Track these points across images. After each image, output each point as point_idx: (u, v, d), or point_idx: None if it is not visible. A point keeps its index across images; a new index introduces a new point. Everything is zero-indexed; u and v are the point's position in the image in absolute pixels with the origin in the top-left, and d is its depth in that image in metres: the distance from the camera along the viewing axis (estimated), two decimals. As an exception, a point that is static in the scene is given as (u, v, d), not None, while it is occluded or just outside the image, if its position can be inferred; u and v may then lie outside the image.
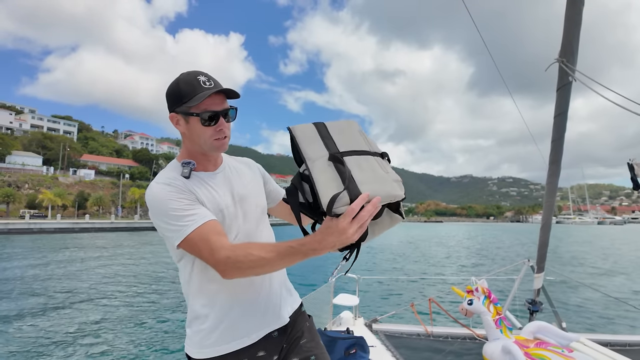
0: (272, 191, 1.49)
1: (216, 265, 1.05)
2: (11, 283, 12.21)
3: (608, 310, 8.97)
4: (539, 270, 3.88)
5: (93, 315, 8.38)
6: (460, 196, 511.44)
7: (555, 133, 3.35)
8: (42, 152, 75.39)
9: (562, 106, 3.20)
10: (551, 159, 3.49)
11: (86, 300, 9.89)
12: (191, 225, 1.08)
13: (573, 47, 2.93)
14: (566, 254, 24.07)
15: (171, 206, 1.10)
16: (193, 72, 1.17)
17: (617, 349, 3.02)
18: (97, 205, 58.81)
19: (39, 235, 36.78)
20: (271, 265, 1.02)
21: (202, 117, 1.14)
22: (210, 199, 1.18)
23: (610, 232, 66.34)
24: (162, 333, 7.14)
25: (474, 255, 23.26)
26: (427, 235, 47.63)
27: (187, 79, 1.15)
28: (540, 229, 3.84)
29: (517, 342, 2.74)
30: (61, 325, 7.60)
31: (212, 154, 1.25)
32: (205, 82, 1.14)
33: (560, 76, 3.08)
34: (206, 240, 1.06)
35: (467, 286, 3.11)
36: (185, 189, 1.15)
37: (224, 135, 1.19)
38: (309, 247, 0.94)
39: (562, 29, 2.93)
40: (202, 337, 1.19)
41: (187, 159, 1.23)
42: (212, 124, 1.15)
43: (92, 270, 15.16)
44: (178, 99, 1.15)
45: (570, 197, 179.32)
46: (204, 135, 1.16)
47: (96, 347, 6.32)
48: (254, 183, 1.38)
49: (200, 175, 1.22)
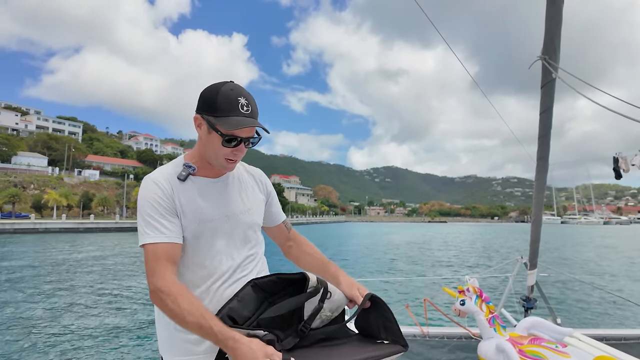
0: (273, 213, 1.46)
1: (149, 287, 1.07)
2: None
3: (603, 305, 9.01)
4: (532, 267, 3.90)
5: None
6: (465, 196, 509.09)
7: (541, 129, 3.41)
8: (48, 152, 76.09)
9: (546, 103, 3.26)
10: (539, 155, 3.55)
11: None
12: (151, 237, 1.11)
13: (555, 45, 2.99)
14: (575, 254, 23.97)
15: (146, 208, 1.14)
16: (237, 90, 1.14)
17: (612, 343, 3.02)
18: (101, 206, 59.25)
19: (49, 234, 37.13)
20: (185, 325, 1.02)
21: (225, 140, 1.14)
22: (194, 209, 1.18)
23: (617, 232, 65.79)
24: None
25: (474, 255, 23.25)
26: (428, 236, 47.53)
27: (227, 96, 1.12)
28: (531, 225, 3.89)
29: (511, 339, 2.76)
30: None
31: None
32: (243, 106, 1.13)
33: (544, 73, 3.14)
34: (153, 261, 1.08)
35: (459, 286, 3.15)
36: (167, 195, 1.16)
37: (237, 158, 1.21)
38: (225, 342, 0.97)
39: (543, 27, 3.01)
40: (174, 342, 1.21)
41: (193, 161, 1.24)
42: (231, 146, 1.16)
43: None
44: (211, 109, 1.13)
45: (576, 197, 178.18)
46: (219, 152, 1.17)
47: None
48: (254, 198, 1.35)
49: (197, 181, 1.23)
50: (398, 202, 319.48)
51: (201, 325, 0.99)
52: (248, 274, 1.27)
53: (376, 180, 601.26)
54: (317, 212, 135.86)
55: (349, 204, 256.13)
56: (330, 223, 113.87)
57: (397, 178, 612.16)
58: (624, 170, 2.79)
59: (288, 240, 1.50)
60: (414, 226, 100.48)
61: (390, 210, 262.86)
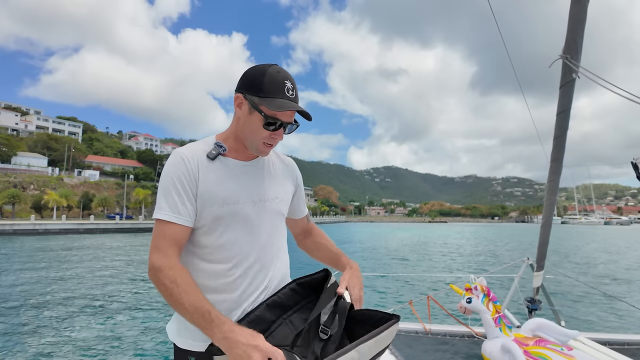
0: (297, 206, 1.42)
1: (149, 263, 1.05)
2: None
3: (607, 309, 8.94)
4: (538, 269, 3.85)
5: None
6: (465, 196, 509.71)
7: (557, 130, 3.30)
8: (48, 153, 76.00)
9: (565, 103, 3.16)
10: (553, 157, 3.45)
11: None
12: (164, 214, 1.08)
13: (577, 44, 2.88)
14: (573, 254, 23.89)
15: (167, 184, 1.10)
16: (283, 73, 1.12)
17: (615, 347, 3.01)
18: (102, 206, 59.17)
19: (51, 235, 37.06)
20: (179, 307, 0.98)
21: (267, 121, 1.11)
22: (220, 190, 1.13)
23: (619, 232, 65.72)
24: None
25: (476, 255, 23.16)
26: (430, 236, 47.47)
27: (274, 78, 1.10)
28: (540, 227, 3.80)
29: (517, 340, 2.72)
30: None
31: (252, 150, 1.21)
32: (289, 90, 1.11)
33: (564, 73, 3.03)
34: (161, 237, 1.06)
35: (466, 284, 3.08)
36: (191, 174, 1.11)
37: (274, 142, 1.18)
38: (218, 329, 0.92)
39: (565, 26, 2.89)
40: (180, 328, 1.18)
41: (225, 141, 1.20)
42: (272, 129, 1.13)
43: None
44: (256, 88, 1.10)
45: (576, 197, 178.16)
46: (257, 135, 1.14)
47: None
48: (284, 188, 1.31)
49: (226, 162, 1.18)
50: (398, 202, 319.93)
51: (197, 307, 0.95)
52: (271, 271, 1.20)
53: (376, 180, 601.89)
54: (318, 212, 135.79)
55: (349, 204, 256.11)
56: (330, 223, 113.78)
57: (397, 178, 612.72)
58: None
59: (304, 231, 1.48)
60: (415, 227, 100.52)
61: (390, 210, 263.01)
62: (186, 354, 1.14)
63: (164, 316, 8.37)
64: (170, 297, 0.98)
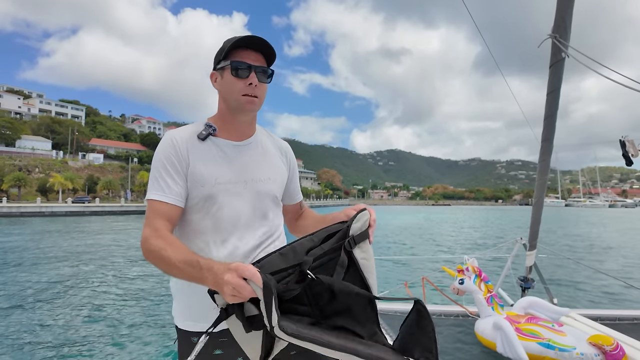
0: (292, 190, 1.42)
1: (141, 236, 1.06)
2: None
3: (599, 287, 9.06)
4: (531, 248, 3.93)
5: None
6: (469, 179, 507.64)
7: (547, 110, 3.33)
8: (51, 136, 76.17)
9: (554, 83, 3.17)
10: (543, 137, 3.48)
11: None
12: (154, 194, 1.11)
13: (566, 23, 2.87)
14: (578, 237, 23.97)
15: (157, 164, 1.14)
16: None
17: (606, 323, 3.09)
18: (106, 189, 59.66)
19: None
20: (170, 268, 0.97)
21: (232, 67, 1.13)
22: (210, 170, 1.15)
23: (625, 215, 65.57)
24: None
25: (477, 236, 23.30)
26: (433, 219, 47.61)
27: (227, 41, 1.15)
28: (532, 206, 3.86)
29: (509, 317, 2.80)
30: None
31: (240, 117, 1.21)
32: (244, 35, 1.14)
33: (553, 52, 3.04)
34: (152, 215, 1.09)
35: (458, 265, 3.17)
36: (181, 154, 1.14)
37: (253, 92, 1.15)
38: (207, 271, 0.88)
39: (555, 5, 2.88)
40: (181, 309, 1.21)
41: (216, 122, 1.23)
42: (244, 76, 1.13)
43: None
44: (218, 55, 1.18)
45: (581, 180, 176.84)
46: (234, 90, 1.14)
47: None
48: (276, 169, 1.30)
49: (217, 142, 1.20)
50: (402, 186, 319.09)
51: (186, 260, 0.93)
52: (262, 253, 1.18)
53: (379, 163, 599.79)
54: (321, 196, 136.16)
55: (352, 187, 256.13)
56: (334, 207, 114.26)
57: (401, 161, 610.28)
58: (632, 155, 2.71)
59: (296, 214, 1.47)
60: (419, 209, 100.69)
61: (394, 194, 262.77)
62: (188, 335, 1.18)
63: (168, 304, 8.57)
64: (161, 260, 0.98)
